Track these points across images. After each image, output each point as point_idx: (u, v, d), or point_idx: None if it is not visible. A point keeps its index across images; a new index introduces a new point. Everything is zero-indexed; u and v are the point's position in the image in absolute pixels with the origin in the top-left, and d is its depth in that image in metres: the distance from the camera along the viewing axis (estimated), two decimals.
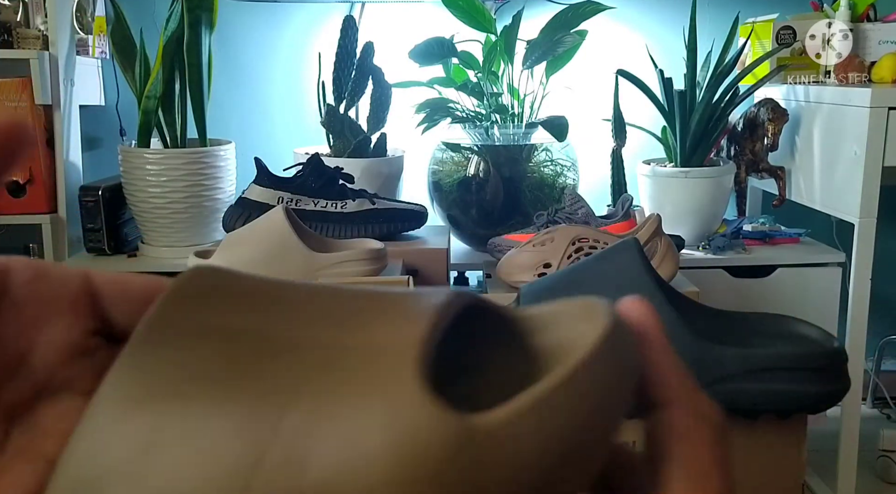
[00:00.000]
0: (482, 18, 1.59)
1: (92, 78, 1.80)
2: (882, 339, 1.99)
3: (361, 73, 1.65)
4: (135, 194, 1.56)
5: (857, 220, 1.47)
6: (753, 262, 1.62)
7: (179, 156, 1.55)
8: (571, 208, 1.41)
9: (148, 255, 1.61)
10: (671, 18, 1.90)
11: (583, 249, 1.17)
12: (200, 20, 1.54)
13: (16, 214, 1.62)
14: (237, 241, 1.23)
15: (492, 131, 1.64)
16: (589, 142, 1.81)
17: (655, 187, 1.66)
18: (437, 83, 1.66)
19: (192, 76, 1.55)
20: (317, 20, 1.88)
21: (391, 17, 1.87)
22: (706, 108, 1.59)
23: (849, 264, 1.55)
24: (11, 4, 1.63)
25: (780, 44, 1.70)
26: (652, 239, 1.18)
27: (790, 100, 1.71)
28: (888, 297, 1.98)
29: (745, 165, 1.73)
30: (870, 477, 1.71)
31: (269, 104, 1.93)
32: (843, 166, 1.52)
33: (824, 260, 1.63)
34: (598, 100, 1.80)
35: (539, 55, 1.58)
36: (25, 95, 1.60)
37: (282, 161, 1.60)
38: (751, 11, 1.81)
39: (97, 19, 1.75)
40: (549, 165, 1.64)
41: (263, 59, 1.91)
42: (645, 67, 1.66)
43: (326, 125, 1.65)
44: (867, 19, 1.72)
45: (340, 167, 1.49)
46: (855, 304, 1.51)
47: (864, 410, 1.93)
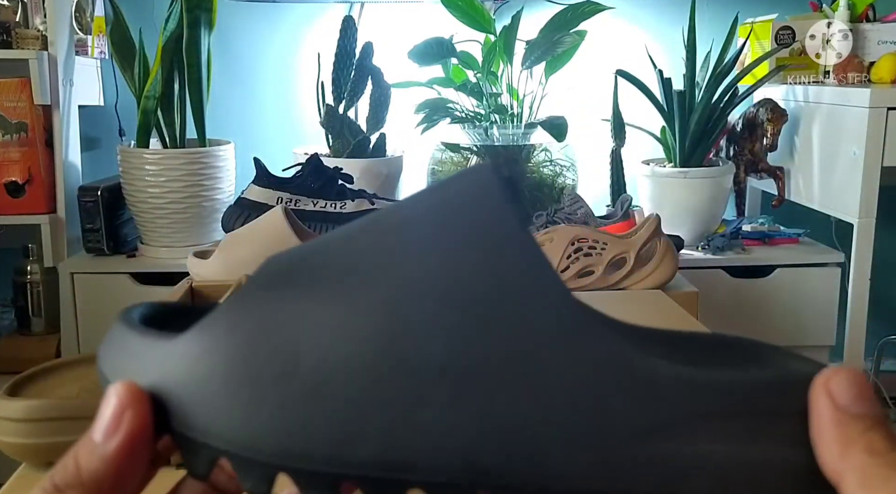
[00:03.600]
0: (481, 18, 1.59)
1: (91, 78, 1.80)
2: (881, 339, 1.99)
3: (361, 73, 1.65)
4: (134, 195, 1.56)
5: (857, 220, 1.47)
6: (753, 262, 1.62)
7: (178, 156, 1.55)
8: (571, 209, 1.41)
9: (147, 255, 1.61)
10: (670, 18, 1.90)
11: (582, 249, 1.17)
12: (199, 20, 1.54)
13: (15, 214, 1.62)
14: (236, 241, 1.23)
15: (491, 132, 1.64)
16: (588, 142, 1.81)
17: (655, 187, 1.66)
18: (436, 83, 1.66)
19: (192, 76, 1.55)
20: (316, 20, 1.88)
21: (390, 18, 1.87)
22: (705, 108, 1.59)
23: (848, 264, 1.55)
24: (10, 4, 1.63)
25: (780, 44, 1.70)
26: (651, 239, 1.18)
27: (789, 100, 1.71)
28: (887, 297, 1.98)
29: (745, 165, 1.73)
30: None
31: (268, 104, 1.93)
32: (843, 167, 1.52)
33: (823, 260, 1.64)
34: (597, 100, 1.80)
35: (538, 55, 1.58)
36: (25, 96, 1.60)
37: (281, 161, 1.59)
38: (750, 11, 1.81)
39: (96, 19, 1.74)
40: (548, 165, 1.64)
41: (263, 59, 1.91)
42: (644, 68, 1.66)
43: (326, 125, 1.65)
44: (866, 19, 1.72)
45: (340, 168, 1.49)
46: (854, 304, 1.51)
47: None
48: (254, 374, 0.24)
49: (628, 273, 1.15)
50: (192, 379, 0.25)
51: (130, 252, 1.63)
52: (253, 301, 0.26)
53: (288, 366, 0.24)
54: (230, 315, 0.26)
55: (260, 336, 0.25)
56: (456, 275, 0.24)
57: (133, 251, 1.63)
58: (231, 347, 0.25)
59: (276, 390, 0.24)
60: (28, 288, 1.65)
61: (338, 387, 0.23)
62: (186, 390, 0.25)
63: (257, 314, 0.25)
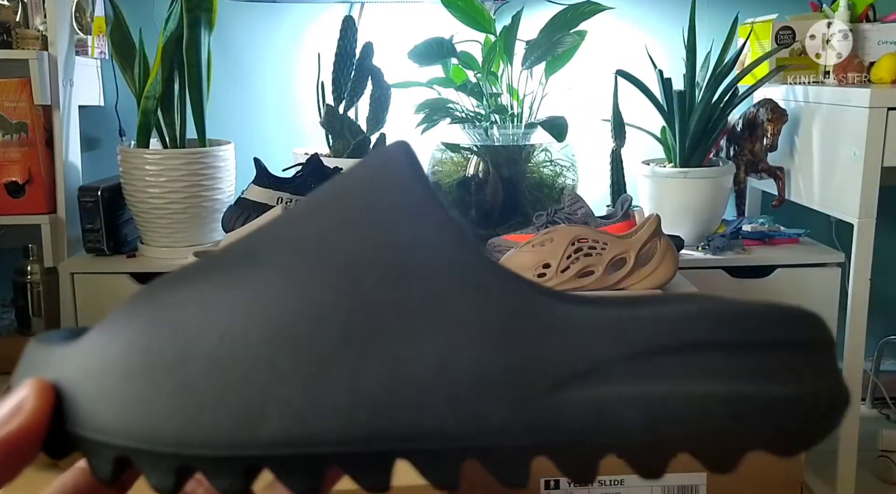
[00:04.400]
0: (481, 19, 1.59)
1: (91, 78, 1.80)
2: (881, 339, 1.99)
3: (361, 73, 1.65)
4: (134, 195, 1.56)
5: (857, 220, 1.47)
6: (753, 262, 1.62)
7: (178, 156, 1.55)
8: (571, 209, 1.41)
9: (147, 255, 1.61)
10: (670, 19, 1.90)
11: (582, 249, 1.17)
12: (200, 20, 1.53)
13: (15, 214, 1.62)
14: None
15: (491, 132, 1.64)
16: (588, 142, 1.81)
17: (655, 187, 1.66)
18: (436, 83, 1.66)
19: (192, 76, 1.55)
20: (316, 20, 1.88)
21: (390, 18, 1.87)
22: (705, 108, 1.59)
23: (848, 264, 1.55)
24: (10, 5, 1.63)
25: (780, 44, 1.70)
26: (651, 239, 1.18)
27: (789, 100, 1.71)
28: (887, 297, 1.97)
29: (745, 165, 1.73)
30: (869, 478, 1.71)
31: (268, 104, 1.93)
32: (843, 167, 1.52)
33: (823, 260, 1.63)
34: (597, 100, 1.80)
35: (538, 55, 1.58)
36: (25, 96, 1.60)
37: (281, 161, 1.60)
38: (750, 12, 1.81)
39: (96, 19, 1.74)
40: (548, 165, 1.64)
41: (263, 59, 1.91)
42: (644, 68, 1.66)
43: (326, 125, 1.65)
44: (866, 20, 1.72)
45: (340, 168, 1.49)
46: (854, 304, 1.51)
47: (863, 410, 1.93)
48: (149, 364, 0.23)
49: (628, 273, 1.15)
50: (88, 377, 0.23)
51: (130, 252, 1.63)
52: (150, 296, 0.25)
53: (184, 353, 0.23)
54: (127, 310, 0.25)
55: (155, 326, 0.24)
56: (354, 240, 0.24)
57: (133, 251, 1.63)
58: (126, 339, 0.24)
59: (172, 377, 0.23)
60: (28, 288, 1.65)
61: (234, 367, 0.22)
62: (83, 388, 0.23)
63: (153, 307, 0.24)
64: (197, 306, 0.24)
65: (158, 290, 0.25)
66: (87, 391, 0.23)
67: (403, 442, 0.21)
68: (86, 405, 0.23)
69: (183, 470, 0.22)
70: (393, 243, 0.23)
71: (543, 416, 0.21)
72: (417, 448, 0.21)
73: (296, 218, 0.25)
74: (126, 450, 0.23)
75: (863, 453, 1.57)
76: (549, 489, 0.98)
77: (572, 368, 0.21)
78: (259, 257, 0.24)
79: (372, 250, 0.23)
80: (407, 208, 0.24)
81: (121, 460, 0.23)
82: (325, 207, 0.25)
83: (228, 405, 0.22)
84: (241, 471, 0.22)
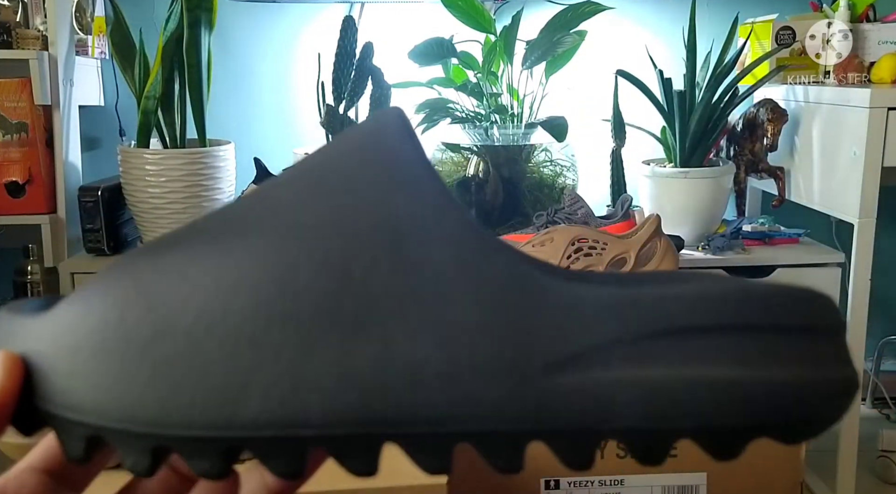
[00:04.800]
0: (482, 19, 1.59)
1: (91, 78, 1.80)
2: (881, 339, 1.99)
3: (361, 73, 1.65)
4: (134, 195, 1.56)
5: (857, 220, 1.47)
6: (753, 262, 1.62)
7: (179, 156, 1.55)
8: (571, 209, 1.41)
9: None
10: (671, 19, 1.90)
11: (582, 249, 1.17)
12: (200, 20, 1.53)
13: (15, 214, 1.62)
14: None
15: (491, 132, 1.64)
16: (588, 142, 1.81)
17: (655, 187, 1.66)
18: (436, 83, 1.66)
19: (192, 76, 1.55)
20: (316, 20, 1.88)
21: (391, 18, 1.87)
22: (705, 108, 1.59)
23: (848, 264, 1.55)
24: (11, 5, 1.63)
25: (780, 44, 1.70)
26: (651, 239, 1.18)
27: (789, 100, 1.71)
28: (887, 297, 1.98)
29: (745, 165, 1.73)
30: (869, 478, 1.72)
31: (268, 104, 1.93)
32: (843, 167, 1.52)
33: (824, 260, 1.63)
34: (597, 100, 1.80)
35: (538, 55, 1.58)
36: (25, 96, 1.60)
37: (281, 161, 1.60)
38: (750, 12, 1.81)
39: (97, 20, 1.75)
40: (548, 165, 1.64)
41: (263, 59, 1.91)
42: (644, 68, 1.67)
43: (326, 126, 1.65)
44: (866, 19, 1.72)
45: None
46: (854, 304, 1.51)
47: (863, 410, 1.93)
48: (124, 340, 0.22)
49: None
50: (60, 352, 0.22)
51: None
52: (125, 268, 0.24)
53: (160, 328, 0.22)
54: (100, 283, 0.23)
55: (130, 300, 0.22)
56: (345, 212, 0.22)
57: None
58: (99, 314, 0.22)
59: (149, 353, 0.21)
60: (28, 288, 1.65)
61: (215, 345, 0.21)
62: (54, 363, 0.22)
63: (128, 279, 0.23)
64: (175, 279, 0.22)
65: (135, 260, 0.24)
66: (58, 367, 0.22)
67: (393, 425, 0.21)
68: (56, 381, 0.22)
69: (159, 451, 0.22)
70: (386, 216, 0.22)
71: (539, 399, 0.20)
72: (407, 431, 0.21)
73: (284, 187, 0.24)
74: (99, 429, 0.22)
75: (863, 453, 1.57)
76: (549, 489, 0.98)
77: (570, 350, 0.21)
78: (243, 228, 0.23)
79: (364, 222, 0.22)
80: (400, 179, 0.23)
81: (93, 439, 0.22)
82: (314, 175, 0.24)
83: (208, 384, 0.21)
84: (221, 453, 0.21)
